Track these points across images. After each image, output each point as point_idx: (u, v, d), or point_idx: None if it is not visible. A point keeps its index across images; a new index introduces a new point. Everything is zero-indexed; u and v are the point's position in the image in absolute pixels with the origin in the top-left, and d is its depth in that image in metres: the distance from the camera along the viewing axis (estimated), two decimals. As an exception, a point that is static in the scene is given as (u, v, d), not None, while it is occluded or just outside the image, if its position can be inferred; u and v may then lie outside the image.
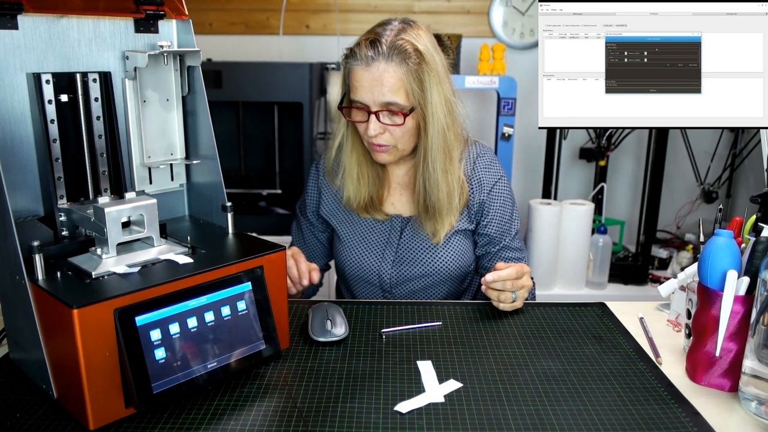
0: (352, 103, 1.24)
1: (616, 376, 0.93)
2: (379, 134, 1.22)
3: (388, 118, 1.21)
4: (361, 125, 1.25)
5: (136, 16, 0.98)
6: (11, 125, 0.88)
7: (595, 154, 2.71)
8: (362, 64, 1.19)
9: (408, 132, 1.24)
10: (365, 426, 0.80)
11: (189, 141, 1.07)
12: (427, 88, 1.20)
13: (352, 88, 1.23)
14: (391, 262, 1.34)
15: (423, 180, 1.27)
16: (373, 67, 1.18)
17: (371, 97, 1.19)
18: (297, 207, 1.48)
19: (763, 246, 0.86)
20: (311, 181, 1.44)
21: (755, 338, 0.83)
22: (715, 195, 2.77)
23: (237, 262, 0.89)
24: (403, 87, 1.19)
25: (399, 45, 1.19)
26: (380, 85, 1.18)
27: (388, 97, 1.19)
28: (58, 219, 0.92)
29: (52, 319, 0.78)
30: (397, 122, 1.21)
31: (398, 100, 1.19)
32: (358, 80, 1.20)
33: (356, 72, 1.20)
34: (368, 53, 1.18)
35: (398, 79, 1.18)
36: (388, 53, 1.18)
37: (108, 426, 0.79)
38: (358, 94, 1.21)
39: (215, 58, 2.54)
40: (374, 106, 1.20)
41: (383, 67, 1.18)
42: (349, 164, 1.33)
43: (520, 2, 2.74)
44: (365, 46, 1.19)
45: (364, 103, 1.21)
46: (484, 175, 1.33)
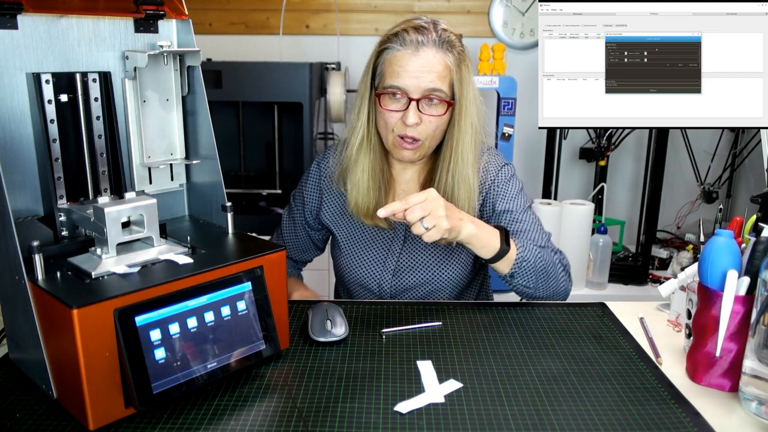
0: (388, 89, 1.20)
1: (616, 376, 0.93)
2: (416, 124, 1.19)
3: (427, 107, 1.19)
4: (394, 115, 1.20)
5: (136, 16, 0.98)
6: (11, 125, 0.88)
7: (595, 154, 2.70)
8: (409, 48, 1.16)
9: (441, 126, 1.21)
10: (365, 426, 0.80)
11: (189, 141, 1.07)
12: (466, 81, 1.19)
13: (390, 73, 1.19)
14: (392, 272, 1.31)
15: (447, 178, 1.23)
16: (422, 53, 1.16)
17: (416, 83, 1.16)
18: (292, 196, 1.44)
19: (763, 246, 0.86)
20: (312, 179, 1.40)
21: (755, 338, 0.83)
22: (715, 195, 2.77)
23: (237, 262, 0.89)
24: (449, 76, 1.18)
25: (446, 35, 1.18)
26: (428, 71, 1.16)
27: (436, 83, 1.16)
28: (58, 219, 0.92)
29: (52, 319, 0.78)
30: (438, 112, 1.19)
31: (443, 88, 1.17)
32: (402, 65, 1.17)
33: (400, 57, 1.17)
34: (417, 38, 1.16)
35: (446, 66, 1.17)
36: (438, 40, 1.17)
37: (108, 426, 0.79)
38: (400, 80, 1.17)
39: (215, 58, 2.54)
40: (416, 93, 1.17)
41: (433, 53, 1.16)
42: (360, 169, 1.28)
43: (520, 2, 2.74)
44: (412, 32, 1.17)
45: (405, 90, 1.18)
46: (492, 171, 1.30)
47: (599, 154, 2.69)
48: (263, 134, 2.59)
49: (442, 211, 1.05)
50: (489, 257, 1.14)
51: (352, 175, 1.29)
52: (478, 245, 1.12)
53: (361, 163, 1.27)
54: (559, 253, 1.26)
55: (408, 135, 1.20)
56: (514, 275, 1.16)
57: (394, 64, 1.18)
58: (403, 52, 1.17)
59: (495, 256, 1.13)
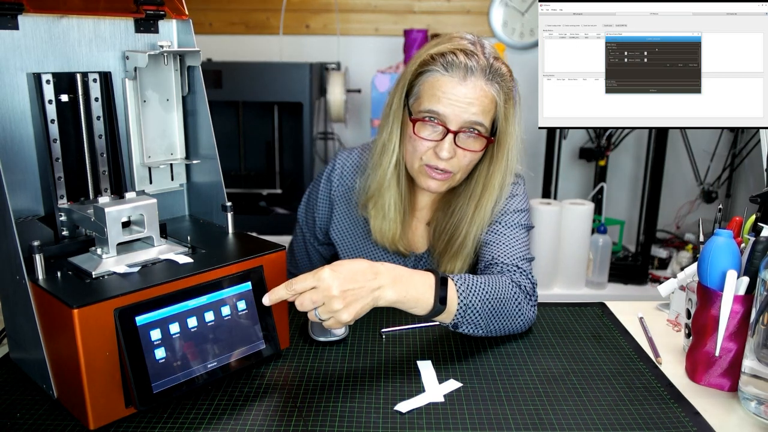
0: (424, 115, 1.09)
1: (616, 376, 0.93)
2: (450, 158, 1.09)
3: (464, 141, 1.09)
4: (425, 143, 1.10)
5: (136, 16, 0.98)
6: (11, 125, 0.88)
7: (595, 154, 2.71)
8: (456, 74, 1.06)
9: (475, 161, 1.13)
10: (365, 426, 0.80)
11: (189, 141, 1.07)
12: (510, 117, 1.11)
13: (431, 98, 1.08)
14: None
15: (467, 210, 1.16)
16: (470, 82, 1.06)
17: (458, 112, 1.06)
18: (299, 215, 1.37)
19: (762, 246, 0.86)
20: (322, 193, 1.30)
21: (755, 338, 0.83)
22: (714, 195, 2.78)
23: (237, 262, 0.89)
24: (493, 110, 1.09)
25: (497, 66, 1.09)
26: (473, 102, 1.06)
27: (479, 117, 1.07)
28: (59, 219, 0.92)
29: (53, 319, 0.78)
30: (474, 148, 1.10)
31: (485, 123, 1.08)
32: (445, 92, 1.06)
33: (444, 82, 1.07)
34: (468, 64, 1.06)
35: (492, 100, 1.08)
36: (489, 71, 1.07)
37: (108, 425, 0.79)
38: (441, 106, 1.07)
39: (215, 58, 2.54)
40: (456, 124, 1.07)
41: (481, 85, 1.07)
42: (390, 194, 1.18)
43: (520, 2, 2.74)
44: (461, 55, 1.06)
45: (443, 118, 1.07)
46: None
47: (599, 154, 2.69)
48: (263, 134, 2.60)
49: (337, 304, 0.85)
50: (424, 314, 0.94)
51: (381, 201, 1.19)
52: (407, 307, 0.92)
53: (392, 187, 1.18)
54: (526, 277, 1.10)
55: (439, 167, 1.11)
56: (458, 325, 0.98)
57: (436, 88, 1.08)
58: (446, 77, 1.07)
59: (429, 314, 0.94)
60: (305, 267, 1.40)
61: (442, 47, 1.09)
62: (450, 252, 1.18)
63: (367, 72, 2.73)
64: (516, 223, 1.18)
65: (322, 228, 1.32)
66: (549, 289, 2.50)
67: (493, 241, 1.15)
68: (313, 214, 1.32)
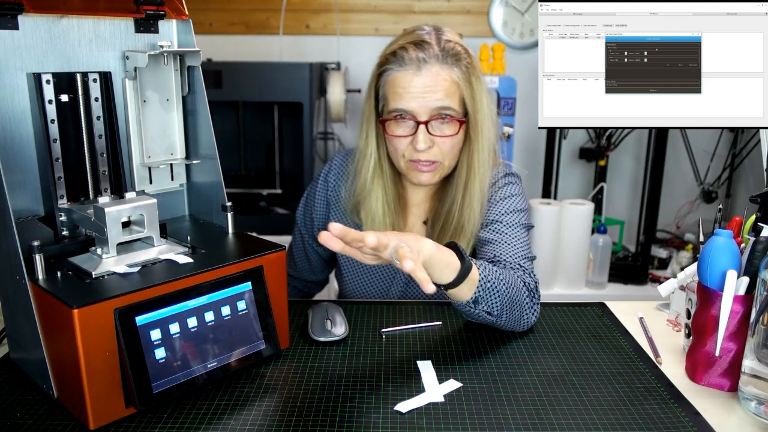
0: (393, 114, 1.12)
1: (616, 376, 0.93)
2: (428, 148, 1.11)
3: (438, 128, 1.11)
4: (402, 140, 1.13)
5: (136, 16, 0.98)
6: (11, 125, 0.88)
7: (595, 154, 2.71)
8: (411, 67, 1.08)
9: (458, 144, 1.14)
10: (365, 426, 0.80)
11: (189, 141, 1.08)
12: (477, 93, 1.12)
13: (394, 96, 1.11)
14: (396, 298, 1.27)
15: (458, 198, 1.16)
16: (425, 71, 1.08)
17: (422, 103, 1.09)
18: (297, 217, 1.37)
19: (762, 246, 0.86)
20: (319, 195, 1.32)
21: (755, 338, 0.83)
22: (714, 195, 2.78)
23: (237, 262, 0.89)
24: (458, 91, 1.10)
25: (450, 46, 1.09)
26: (434, 89, 1.08)
27: (444, 102, 1.08)
28: (59, 219, 0.92)
29: (53, 319, 0.78)
30: (450, 132, 1.11)
31: (453, 105, 1.09)
32: (405, 86, 1.09)
33: (402, 78, 1.09)
34: (418, 55, 1.08)
35: (453, 82, 1.09)
36: (441, 55, 1.08)
37: (108, 425, 0.79)
38: (404, 102, 1.09)
39: (215, 58, 2.54)
40: (424, 114, 1.09)
41: (437, 70, 1.08)
42: (374, 197, 1.20)
43: (520, 2, 2.74)
44: (412, 49, 1.09)
45: (411, 112, 1.10)
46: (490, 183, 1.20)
47: (599, 154, 2.70)
48: (263, 134, 2.59)
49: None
50: (452, 279, 0.92)
51: (367, 205, 1.21)
52: (440, 266, 0.90)
53: (375, 191, 1.20)
54: (529, 275, 1.10)
55: (422, 159, 1.12)
56: (478, 300, 0.96)
57: (396, 86, 1.10)
58: (402, 72, 1.09)
59: (459, 276, 0.92)
60: (304, 268, 1.41)
61: (395, 45, 1.12)
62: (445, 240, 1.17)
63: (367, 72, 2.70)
64: (517, 222, 1.18)
65: (319, 228, 1.33)
66: (549, 289, 2.50)
67: (495, 240, 1.15)
68: (311, 215, 1.33)
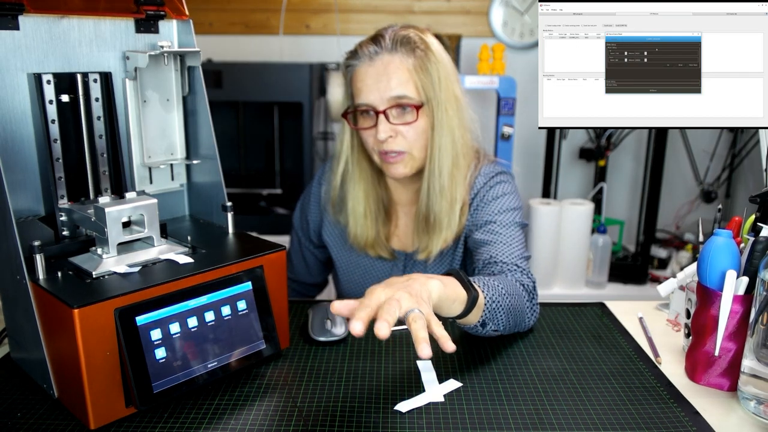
0: (357, 108, 1.15)
1: (616, 376, 0.93)
2: (390, 138, 1.12)
3: (398, 117, 1.13)
4: (369, 133, 1.15)
5: (136, 17, 0.98)
6: (12, 125, 0.88)
7: (595, 154, 2.71)
8: (365, 61, 1.12)
9: (422, 133, 1.15)
10: (365, 426, 0.80)
11: (189, 141, 1.08)
12: (435, 80, 1.12)
13: (356, 91, 1.15)
14: None
15: (428, 186, 1.17)
16: (377, 61, 1.11)
17: (378, 94, 1.11)
18: (294, 220, 1.39)
19: (762, 246, 0.87)
20: (313, 198, 1.33)
21: (754, 338, 0.83)
22: (714, 195, 2.78)
23: (237, 262, 0.89)
24: (411, 79, 1.11)
25: (403, 36, 1.12)
26: (386, 78, 1.10)
27: (397, 90, 1.10)
28: (59, 219, 0.92)
29: (53, 319, 0.78)
30: (409, 120, 1.12)
31: (408, 93, 1.11)
32: (362, 79, 1.13)
33: (359, 72, 1.13)
34: (370, 49, 1.12)
35: (406, 69, 1.11)
36: (391, 45, 1.11)
37: (108, 425, 0.79)
38: (363, 95, 1.13)
39: (215, 58, 2.54)
40: (381, 104, 1.12)
41: (388, 59, 1.11)
42: (354, 198, 1.22)
43: (520, 2, 2.74)
44: (366, 45, 1.13)
45: (370, 104, 1.13)
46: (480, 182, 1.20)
47: (599, 154, 2.70)
48: (263, 134, 2.59)
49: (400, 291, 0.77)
50: (461, 311, 0.88)
51: (346, 206, 1.23)
52: (449, 302, 0.85)
53: (353, 192, 1.22)
54: (527, 275, 1.09)
55: (389, 150, 1.14)
56: (486, 322, 0.94)
57: (356, 81, 1.14)
58: (359, 66, 1.13)
59: (467, 307, 0.88)
60: (302, 271, 1.41)
61: (356, 46, 1.16)
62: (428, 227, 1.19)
63: (367, 72, 2.72)
64: (511, 221, 1.18)
65: (315, 231, 1.34)
66: (549, 289, 2.50)
67: (491, 241, 1.15)
68: (307, 218, 1.35)
